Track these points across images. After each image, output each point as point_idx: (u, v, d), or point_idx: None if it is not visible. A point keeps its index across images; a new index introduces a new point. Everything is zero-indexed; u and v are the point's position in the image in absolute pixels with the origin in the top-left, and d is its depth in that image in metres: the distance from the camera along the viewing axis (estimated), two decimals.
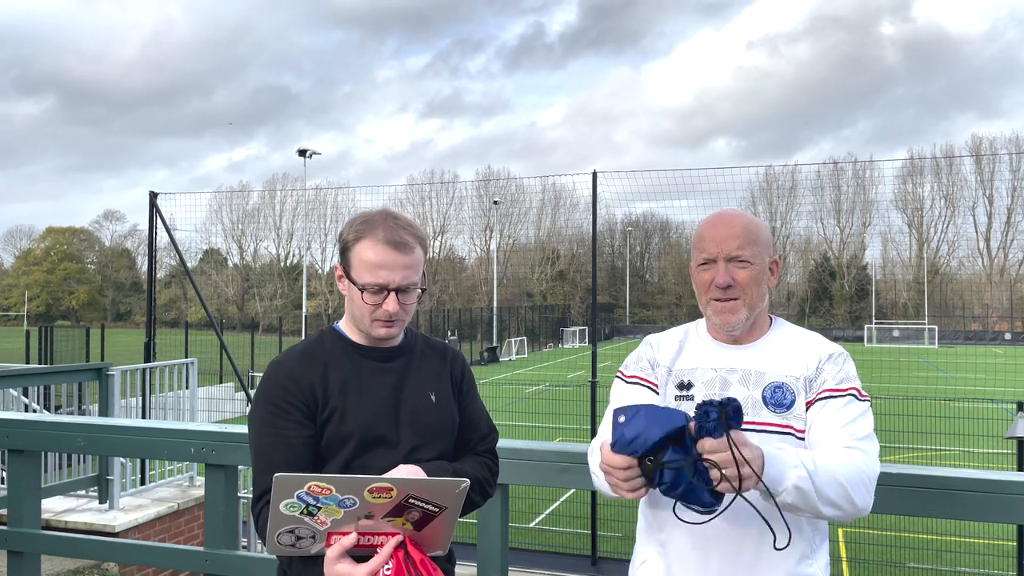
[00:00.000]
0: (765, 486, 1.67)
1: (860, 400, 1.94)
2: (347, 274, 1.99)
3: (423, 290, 2.02)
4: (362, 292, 1.95)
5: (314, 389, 1.94)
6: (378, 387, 2.00)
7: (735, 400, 1.62)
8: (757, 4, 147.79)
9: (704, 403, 1.62)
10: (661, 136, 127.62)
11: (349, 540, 1.71)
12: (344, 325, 2.08)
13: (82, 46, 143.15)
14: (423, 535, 1.75)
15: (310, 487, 1.64)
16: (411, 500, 1.69)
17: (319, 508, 1.67)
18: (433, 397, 2.06)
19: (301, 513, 1.67)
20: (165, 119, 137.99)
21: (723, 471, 1.60)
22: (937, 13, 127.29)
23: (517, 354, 47.25)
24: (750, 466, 1.61)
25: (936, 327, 56.11)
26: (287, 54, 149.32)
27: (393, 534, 1.73)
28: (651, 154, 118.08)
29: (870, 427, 1.92)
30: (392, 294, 1.95)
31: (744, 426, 1.92)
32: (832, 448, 1.85)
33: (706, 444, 1.61)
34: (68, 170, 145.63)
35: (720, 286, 1.98)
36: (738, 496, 1.65)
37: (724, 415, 1.59)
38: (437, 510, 1.72)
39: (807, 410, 1.95)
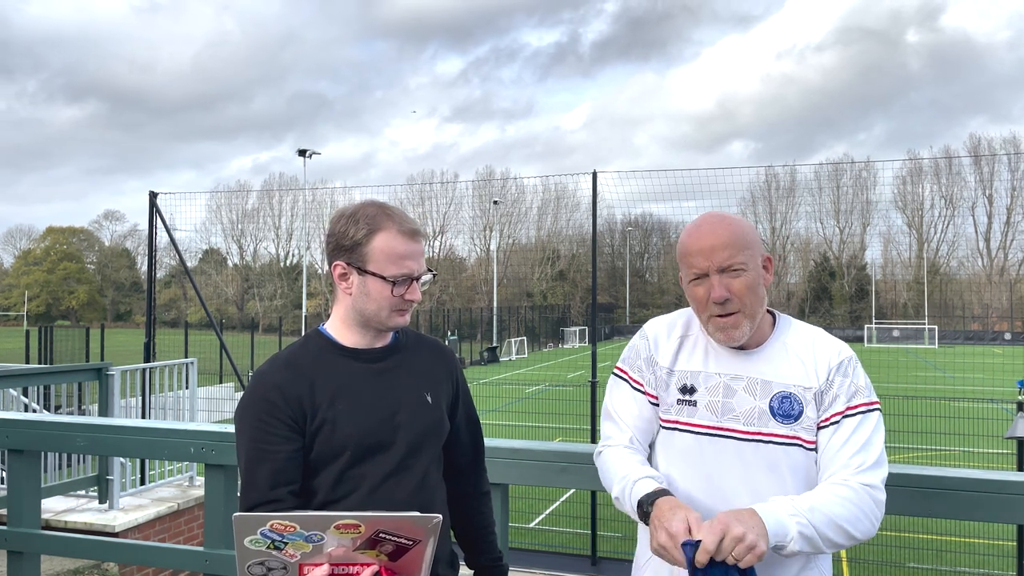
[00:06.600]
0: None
1: (871, 411, 1.91)
2: (362, 270, 1.94)
3: (434, 274, 2.03)
4: (392, 285, 1.93)
5: (301, 401, 1.89)
6: (370, 391, 1.96)
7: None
8: (786, 14, 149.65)
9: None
10: (679, 140, 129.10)
11: (321, 572, 1.65)
12: (332, 327, 2.03)
13: (135, 54, 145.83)
14: (399, 565, 1.70)
15: (272, 525, 1.60)
16: (382, 535, 1.64)
17: (286, 543, 1.63)
18: (429, 398, 2.03)
19: (268, 548, 1.63)
20: (201, 124, 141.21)
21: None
22: (965, 21, 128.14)
23: (517, 354, 47.25)
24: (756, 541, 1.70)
25: (936, 327, 56.11)
26: (327, 62, 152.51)
27: (368, 564, 1.68)
28: (667, 157, 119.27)
29: (880, 444, 1.90)
30: (415, 282, 1.96)
31: (751, 437, 1.93)
32: (833, 487, 1.84)
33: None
34: (94, 172, 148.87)
35: (717, 301, 1.90)
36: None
37: None
38: (411, 543, 1.67)
39: (819, 431, 1.92)
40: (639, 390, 2.08)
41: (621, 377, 2.13)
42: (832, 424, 1.90)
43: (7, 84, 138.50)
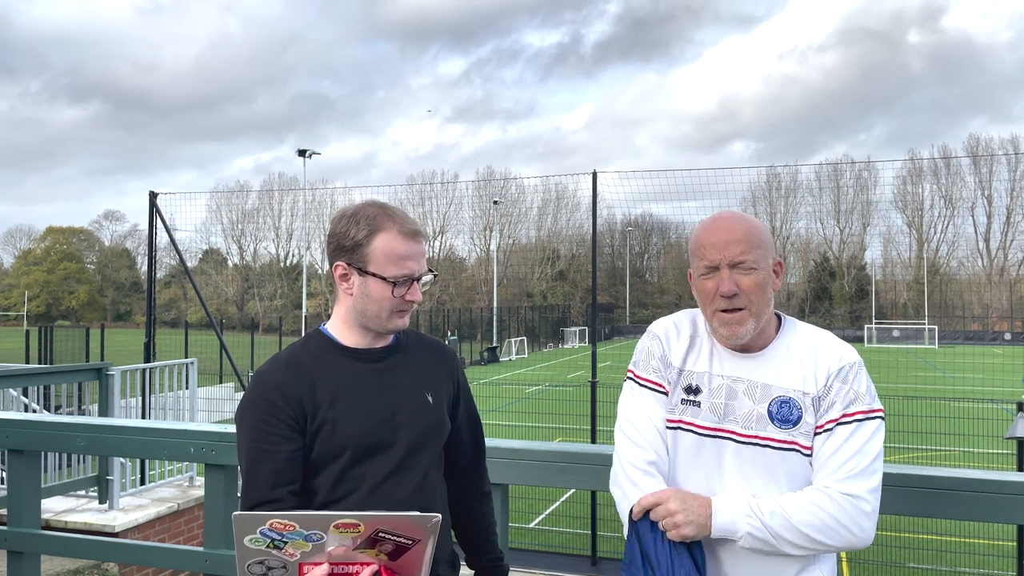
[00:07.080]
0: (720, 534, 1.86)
1: (869, 420, 1.88)
2: (363, 270, 1.94)
3: (435, 274, 2.04)
4: (393, 286, 1.93)
5: (302, 401, 1.90)
6: (370, 391, 1.96)
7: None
8: (788, 14, 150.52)
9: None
10: (680, 140, 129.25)
11: (321, 571, 1.64)
12: (333, 327, 2.03)
13: (138, 55, 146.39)
14: (399, 564, 1.70)
15: (272, 524, 1.61)
16: (381, 534, 1.64)
17: (285, 542, 1.64)
18: (430, 398, 2.03)
19: (267, 547, 1.64)
20: (203, 124, 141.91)
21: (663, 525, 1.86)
22: (966, 21, 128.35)
23: (517, 354, 47.25)
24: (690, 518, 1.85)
25: (936, 327, 56.11)
26: (330, 63, 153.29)
27: (368, 564, 1.68)
28: (668, 157, 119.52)
29: (873, 453, 1.86)
30: (416, 282, 1.96)
31: (749, 440, 1.93)
32: (809, 493, 1.85)
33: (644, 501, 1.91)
34: (96, 172, 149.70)
35: (725, 295, 1.89)
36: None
37: None
38: (411, 542, 1.67)
39: (815, 437, 1.91)
40: (653, 389, 2.02)
41: (639, 383, 2.03)
42: (826, 431, 1.89)
43: (10, 84, 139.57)
